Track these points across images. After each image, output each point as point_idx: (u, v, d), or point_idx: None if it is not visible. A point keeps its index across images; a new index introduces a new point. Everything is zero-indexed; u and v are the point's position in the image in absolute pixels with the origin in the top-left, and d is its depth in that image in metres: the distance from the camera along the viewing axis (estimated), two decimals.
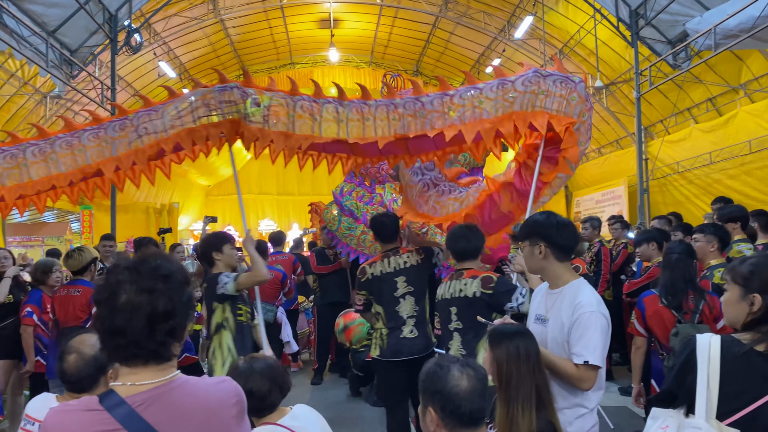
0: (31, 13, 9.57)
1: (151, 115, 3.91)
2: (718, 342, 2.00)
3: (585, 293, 2.56)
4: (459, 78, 20.91)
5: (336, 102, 3.90)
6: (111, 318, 1.44)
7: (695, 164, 13.37)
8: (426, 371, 1.92)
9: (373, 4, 16.79)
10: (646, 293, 4.13)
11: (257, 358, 2.57)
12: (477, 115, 3.72)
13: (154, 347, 1.45)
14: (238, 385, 1.60)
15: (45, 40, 9.69)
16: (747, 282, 2.02)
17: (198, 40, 17.35)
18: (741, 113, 11.90)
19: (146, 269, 1.48)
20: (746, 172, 11.71)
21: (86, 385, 2.31)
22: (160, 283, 1.47)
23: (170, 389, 1.46)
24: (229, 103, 3.92)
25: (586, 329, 2.45)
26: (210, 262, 4.26)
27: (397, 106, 3.82)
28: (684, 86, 12.92)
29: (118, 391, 1.44)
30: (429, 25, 18.18)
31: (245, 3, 16.17)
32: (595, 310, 2.48)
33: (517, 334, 2.24)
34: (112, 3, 11.38)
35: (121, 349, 1.45)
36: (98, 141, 3.89)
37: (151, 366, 1.46)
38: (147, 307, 1.43)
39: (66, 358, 2.33)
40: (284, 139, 3.89)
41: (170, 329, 1.47)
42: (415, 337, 4.27)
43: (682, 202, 13.71)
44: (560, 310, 2.56)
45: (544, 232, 2.63)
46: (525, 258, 2.75)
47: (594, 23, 13.48)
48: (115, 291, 1.45)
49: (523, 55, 17.22)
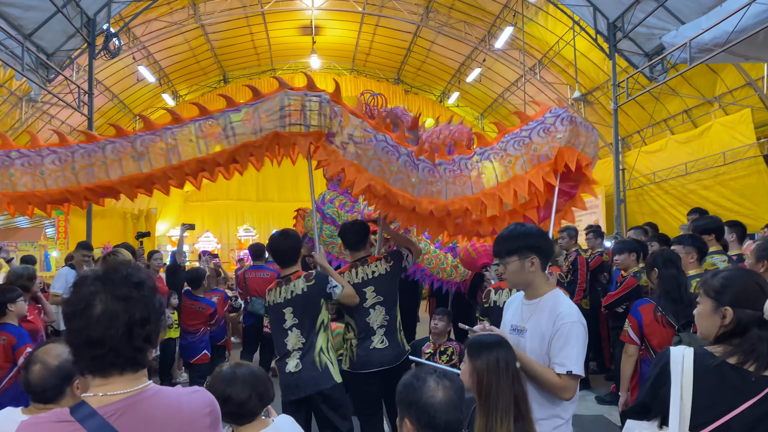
0: (7, 15, 9.44)
1: (210, 122, 3.79)
2: (691, 355, 2.02)
3: (564, 304, 2.58)
4: (440, 86, 21.06)
5: (414, 159, 3.81)
6: (87, 329, 1.43)
7: (671, 175, 13.59)
8: (403, 383, 1.92)
9: (354, 12, 16.84)
10: (641, 302, 4.11)
11: (242, 364, 2.55)
12: (510, 175, 3.75)
13: (131, 354, 1.46)
14: (211, 394, 1.60)
15: (21, 43, 9.55)
16: (719, 295, 2.05)
17: (178, 45, 17.25)
18: (715, 125, 12.13)
19: (118, 278, 1.48)
20: (720, 183, 11.93)
21: (51, 395, 2.27)
22: (134, 291, 1.47)
23: (142, 399, 1.46)
24: (322, 115, 3.76)
25: (567, 339, 2.47)
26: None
27: (446, 170, 3.85)
28: (660, 98, 13.13)
29: (89, 402, 1.43)
30: (410, 33, 18.28)
31: (226, 9, 16.12)
32: (576, 320, 2.51)
33: (496, 345, 2.24)
34: (91, 7, 11.26)
35: (98, 360, 1.44)
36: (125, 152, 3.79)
37: (127, 375, 1.46)
38: (124, 315, 1.44)
39: (30, 369, 2.29)
40: (355, 172, 3.75)
41: (147, 335, 1.48)
42: (385, 347, 4.11)
43: (658, 212, 13.91)
44: (539, 321, 2.57)
45: (534, 244, 2.62)
46: (512, 273, 2.66)
47: (573, 35, 13.67)
48: (90, 302, 1.44)
49: (502, 65, 17.39)
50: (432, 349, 5.24)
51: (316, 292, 3.92)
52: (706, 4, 9.55)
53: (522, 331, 2.64)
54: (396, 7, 16.61)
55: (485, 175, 3.74)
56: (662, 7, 10.40)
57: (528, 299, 2.69)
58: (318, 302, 3.93)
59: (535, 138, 3.71)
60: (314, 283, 3.93)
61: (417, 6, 16.82)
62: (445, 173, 3.81)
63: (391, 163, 3.75)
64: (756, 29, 7.95)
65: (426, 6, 16.71)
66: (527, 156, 3.69)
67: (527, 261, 2.60)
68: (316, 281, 3.94)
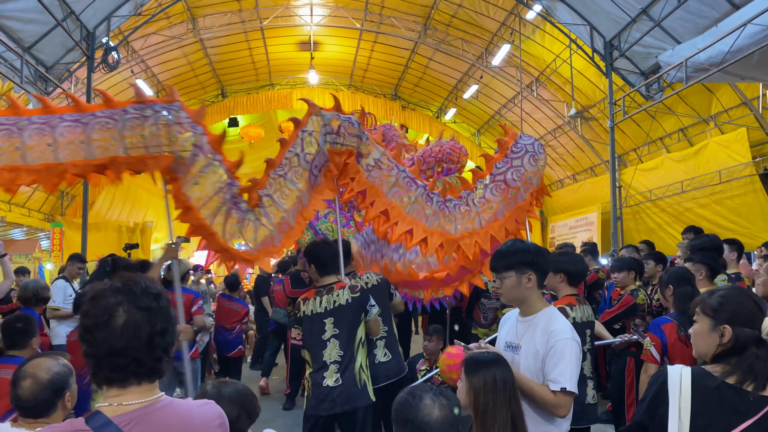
0: (7, 28, 9.46)
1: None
2: (689, 374, 2.01)
3: (558, 321, 2.59)
4: (437, 102, 21.16)
5: (429, 193, 3.97)
6: (110, 339, 1.46)
7: (667, 192, 13.63)
8: (399, 400, 1.91)
9: (353, 28, 16.95)
10: (663, 320, 3.99)
11: (226, 382, 2.53)
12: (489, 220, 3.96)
13: (152, 364, 1.51)
14: (220, 407, 1.64)
15: (20, 56, 9.58)
16: (716, 313, 2.04)
17: (176, 59, 17.30)
18: (711, 144, 12.20)
19: (139, 289, 1.53)
20: (716, 202, 11.97)
21: (43, 410, 2.26)
22: (154, 302, 1.53)
23: (156, 409, 1.49)
24: (354, 137, 3.85)
25: (562, 356, 2.48)
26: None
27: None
28: (656, 116, 13.22)
29: (104, 412, 1.46)
30: (408, 50, 18.39)
31: (225, 23, 16.20)
32: (570, 337, 2.52)
33: (494, 363, 2.23)
34: (90, 20, 11.32)
35: (121, 370, 1.48)
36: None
37: (144, 385, 1.51)
38: (147, 326, 1.49)
39: (20, 384, 2.27)
40: (374, 195, 3.88)
41: (165, 346, 1.53)
42: (338, 385, 3.76)
43: (655, 230, 13.94)
44: (533, 338, 2.58)
45: (533, 261, 2.62)
46: (508, 289, 2.65)
47: (569, 53, 13.77)
48: (113, 313, 1.48)
49: (499, 82, 17.50)
50: (427, 366, 5.20)
51: (358, 305, 3.84)
52: (702, 25, 9.64)
53: (516, 348, 2.64)
54: (394, 24, 16.73)
55: (491, 209, 3.88)
56: (658, 26, 10.51)
57: (522, 316, 2.70)
58: (359, 316, 3.85)
59: (528, 167, 3.86)
60: (359, 296, 3.85)
61: (415, 23, 16.95)
62: (455, 210, 3.98)
63: (409, 193, 3.91)
64: (751, 50, 8.02)
65: (424, 23, 16.83)
66: (525, 186, 3.85)
67: (524, 277, 2.61)
68: (361, 294, 3.87)
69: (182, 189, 3.48)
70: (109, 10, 11.70)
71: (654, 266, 6.07)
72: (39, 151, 3.21)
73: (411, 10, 16.47)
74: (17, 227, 17.21)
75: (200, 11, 15.74)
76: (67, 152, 3.25)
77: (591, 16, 12.04)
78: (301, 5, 16.37)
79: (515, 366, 2.53)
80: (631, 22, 11.14)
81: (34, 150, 3.21)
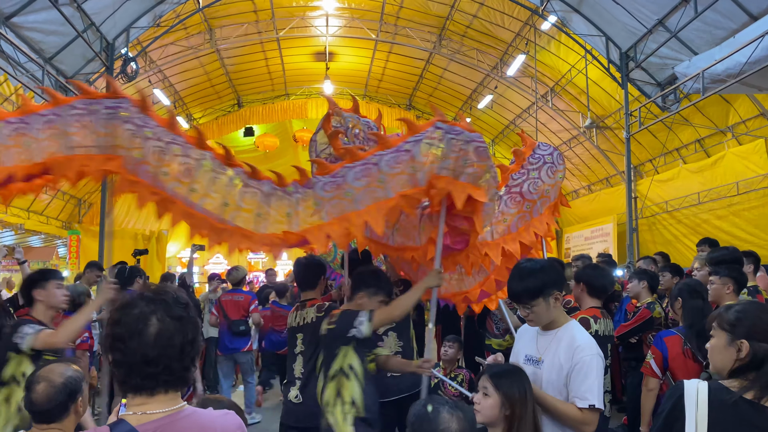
0: (29, 39, 9.65)
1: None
2: (705, 388, 1.99)
3: (583, 336, 2.58)
4: (451, 112, 21.18)
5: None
6: (143, 348, 1.49)
7: (684, 204, 13.51)
8: (415, 413, 1.91)
9: (368, 39, 17.04)
10: (666, 333, 3.98)
11: (221, 399, 2.51)
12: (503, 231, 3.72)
13: (181, 373, 1.54)
14: (239, 417, 1.66)
15: (42, 66, 9.75)
16: (734, 328, 2.03)
17: (193, 69, 17.49)
18: (729, 155, 12.08)
19: (170, 299, 1.56)
20: (734, 213, 11.84)
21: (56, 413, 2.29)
22: (185, 311, 1.56)
23: (179, 419, 1.52)
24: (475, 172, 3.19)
25: (588, 373, 2.46)
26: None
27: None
28: (673, 127, 13.13)
29: (129, 420, 1.48)
30: (423, 60, 18.44)
31: (242, 34, 16.36)
32: (596, 353, 2.51)
33: (519, 374, 2.24)
34: (110, 32, 11.50)
35: (152, 378, 1.50)
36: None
37: (171, 393, 1.53)
38: (179, 335, 1.52)
39: (34, 388, 2.30)
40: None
41: (194, 355, 1.57)
42: (299, 403, 3.74)
43: (671, 242, 13.80)
44: (557, 353, 2.55)
45: (554, 279, 2.61)
46: (539, 315, 2.60)
47: (585, 63, 13.74)
48: (147, 322, 1.51)
49: (514, 92, 17.48)
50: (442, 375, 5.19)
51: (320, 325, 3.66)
52: (719, 35, 9.59)
53: (538, 362, 2.62)
54: (409, 35, 16.80)
55: (504, 221, 3.71)
56: (675, 37, 10.46)
57: (544, 330, 2.67)
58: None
59: (545, 179, 3.71)
60: (324, 316, 3.66)
61: (430, 34, 17.00)
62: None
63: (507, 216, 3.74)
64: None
65: (439, 34, 16.88)
66: (542, 199, 3.68)
67: (551, 298, 2.58)
68: (324, 314, 3.69)
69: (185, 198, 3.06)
70: (129, 22, 11.89)
71: (670, 278, 6.01)
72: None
73: (426, 21, 16.54)
74: (35, 234, 17.43)
75: (217, 22, 15.92)
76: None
77: (607, 26, 12.02)
78: (317, 16, 16.50)
79: (537, 380, 2.52)
80: (648, 33, 11.10)
81: None
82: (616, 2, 10.92)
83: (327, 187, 2.98)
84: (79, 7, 10.10)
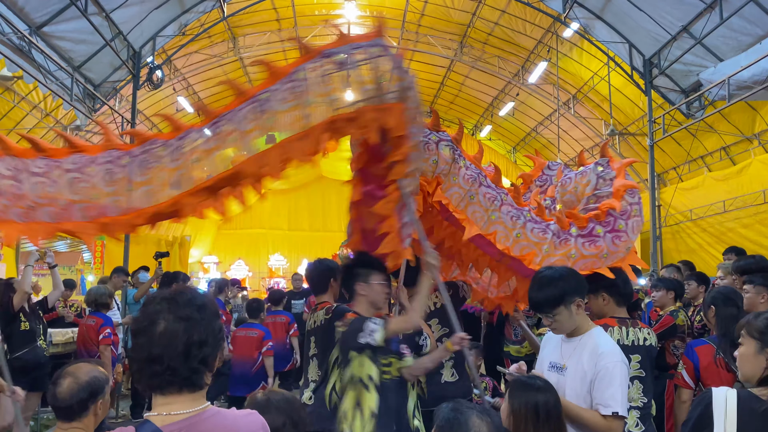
0: (59, 48, 9.86)
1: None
2: (734, 396, 1.98)
3: (607, 343, 2.56)
4: (472, 119, 21.16)
5: (515, 209, 3.50)
6: (149, 345, 1.52)
7: (708, 212, 13.32)
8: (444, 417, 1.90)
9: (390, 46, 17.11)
10: (698, 342, 3.89)
11: (277, 391, 2.56)
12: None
13: (188, 374, 1.53)
14: (262, 417, 1.68)
15: (71, 74, 9.96)
16: (763, 336, 2.01)
17: (217, 77, 17.71)
18: (755, 162, 11.89)
19: (183, 299, 1.58)
20: (760, 222, 11.64)
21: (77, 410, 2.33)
22: (196, 313, 1.56)
23: (203, 419, 1.53)
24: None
25: (612, 380, 2.44)
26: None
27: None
28: (697, 134, 12.97)
29: (153, 421, 1.50)
30: (444, 68, 18.47)
31: (265, 42, 16.55)
32: (619, 360, 2.49)
33: (540, 390, 2.18)
34: (137, 40, 11.71)
35: (157, 377, 1.52)
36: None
37: (185, 394, 1.54)
38: (184, 335, 1.52)
39: (60, 383, 2.36)
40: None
41: (203, 357, 1.55)
42: (310, 404, 3.64)
43: (695, 250, 13.60)
44: (581, 359, 2.54)
45: (574, 286, 2.60)
46: (562, 324, 2.61)
47: (607, 70, 13.65)
48: (154, 320, 1.53)
49: (536, 99, 17.41)
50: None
51: (329, 326, 3.64)
52: (745, 42, 9.48)
53: (562, 369, 2.61)
54: (430, 42, 16.84)
55: (570, 257, 3.42)
56: (699, 44, 10.35)
57: (568, 336, 2.66)
58: (333, 337, 3.58)
59: (632, 236, 3.47)
60: (331, 317, 3.65)
61: (451, 41, 17.03)
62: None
63: (490, 210, 3.52)
64: None
65: (460, 41, 16.90)
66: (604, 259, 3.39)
67: (573, 305, 2.57)
68: (333, 315, 3.65)
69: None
70: (155, 30, 12.10)
71: (696, 287, 5.93)
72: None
73: (447, 29, 16.57)
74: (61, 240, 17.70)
75: (241, 30, 16.12)
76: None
77: (630, 33, 11.94)
78: (339, 24, 16.61)
79: (561, 387, 2.49)
80: (672, 39, 11.01)
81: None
82: (639, 9, 10.85)
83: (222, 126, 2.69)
84: (108, 17, 10.30)
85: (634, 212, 3.53)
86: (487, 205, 3.46)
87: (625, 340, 3.21)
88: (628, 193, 3.55)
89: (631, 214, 3.51)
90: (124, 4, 10.45)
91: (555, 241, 3.41)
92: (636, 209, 3.55)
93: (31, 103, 11.97)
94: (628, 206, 3.52)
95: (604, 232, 3.41)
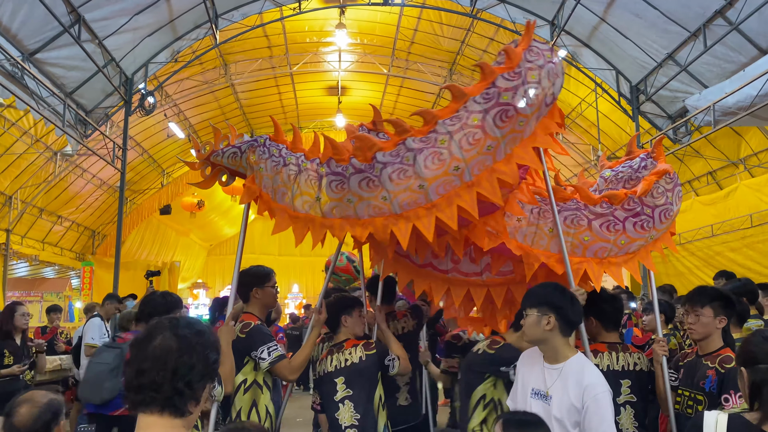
0: (52, 75, 9.90)
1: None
2: (725, 420, 1.99)
3: (592, 373, 2.58)
4: None
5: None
6: (142, 358, 1.52)
7: (697, 236, 13.44)
8: None
9: (380, 73, 17.31)
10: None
11: (249, 422, 2.54)
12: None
13: (171, 394, 1.50)
14: None
15: (63, 100, 9.98)
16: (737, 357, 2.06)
17: (208, 103, 17.81)
18: (741, 187, 12.06)
19: (185, 321, 1.60)
20: (747, 246, 11.76)
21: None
22: (194, 336, 1.56)
23: None
24: None
25: (604, 415, 2.45)
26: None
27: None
28: (684, 159, 13.15)
29: None
30: (433, 95, 18.68)
31: (256, 69, 16.67)
32: (605, 389, 2.50)
33: (534, 426, 2.20)
34: (130, 67, 11.78)
35: (142, 391, 1.50)
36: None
37: (167, 417, 1.51)
38: (176, 353, 1.51)
39: (17, 411, 2.29)
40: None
41: (190, 381, 1.52)
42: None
43: (684, 274, 13.69)
44: (566, 390, 2.54)
45: (556, 305, 2.63)
46: (527, 326, 2.67)
47: (595, 97, 13.85)
48: (153, 335, 1.54)
49: None
50: None
51: (374, 362, 3.50)
52: (729, 69, 9.68)
53: (547, 397, 2.61)
54: (420, 69, 17.05)
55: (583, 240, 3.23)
56: (684, 71, 10.56)
57: (549, 363, 2.68)
58: (375, 374, 3.52)
59: (657, 225, 3.36)
60: (374, 353, 3.51)
61: (441, 68, 17.25)
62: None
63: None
64: None
65: (450, 68, 17.12)
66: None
67: (544, 318, 2.60)
68: (377, 350, 3.54)
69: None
70: (148, 57, 12.18)
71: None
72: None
73: (437, 56, 16.80)
74: (49, 266, 17.58)
75: (232, 57, 16.24)
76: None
77: (617, 60, 12.17)
78: (330, 52, 16.80)
79: (547, 416, 2.49)
80: (658, 66, 11.22)
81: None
82: (626, 37, 11.08)
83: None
84: (101, 44, 10.37)
85: (667, 199, 3.31)
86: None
87: (615, 365, 3.22)
88: (664, 178, 3.33)
89: (659, 203, 3.29)
90: (117, 31, 10.53)
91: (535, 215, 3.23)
92: (670, 196, 3.32)
93: (22, 129, 11.97)
94: (661, 192, 3.30)
95: (625, 216, 3.21)
